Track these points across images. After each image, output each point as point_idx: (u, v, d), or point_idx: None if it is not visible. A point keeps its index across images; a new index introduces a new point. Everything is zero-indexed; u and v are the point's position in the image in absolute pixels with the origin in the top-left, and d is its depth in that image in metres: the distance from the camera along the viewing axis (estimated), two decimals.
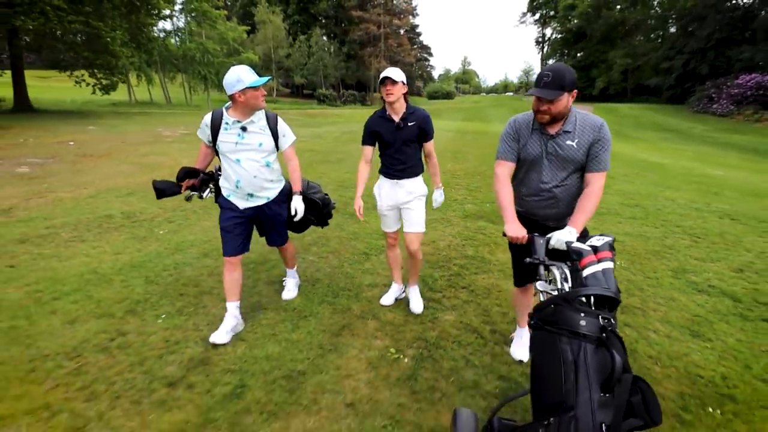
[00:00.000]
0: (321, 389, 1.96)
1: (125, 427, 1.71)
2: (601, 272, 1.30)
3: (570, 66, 5.24)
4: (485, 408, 1.88)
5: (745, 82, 26.83)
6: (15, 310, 2.56)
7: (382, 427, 1.75)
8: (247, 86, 2.10)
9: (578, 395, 1.12)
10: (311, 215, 2.72)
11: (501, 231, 4.37)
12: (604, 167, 1.77)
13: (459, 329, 2.53)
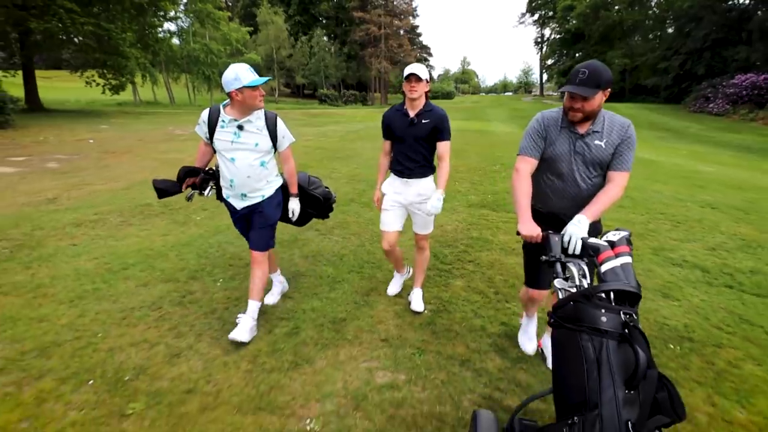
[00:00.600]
0: (360, 330, 2.46)
1: (211, 353, 2.21)
2: (620, 267, 1.29)
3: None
4: (495, 346, 2.38)
5: (741, 82, 27.34)
6: (93, 277, 3.05)
7: (411, 354, 2.25)
8: (244, 85, 2.06)
9: (602, 393, 1.11)
10: (313, 210, 2.72)
11: (501, 218, 4.89)
12: (628, 167, 1.78)
13: (467, 291, 3.03)
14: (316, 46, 38.97)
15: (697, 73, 31.93)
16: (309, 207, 2.67)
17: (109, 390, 1.91)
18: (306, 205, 2.63)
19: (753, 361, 2.31)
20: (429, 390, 1.99)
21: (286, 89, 45.49)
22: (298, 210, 2.51)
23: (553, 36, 52.55)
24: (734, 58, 30.08)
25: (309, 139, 12.18)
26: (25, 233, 3.92)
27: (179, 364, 2.10)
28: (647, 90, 37.04)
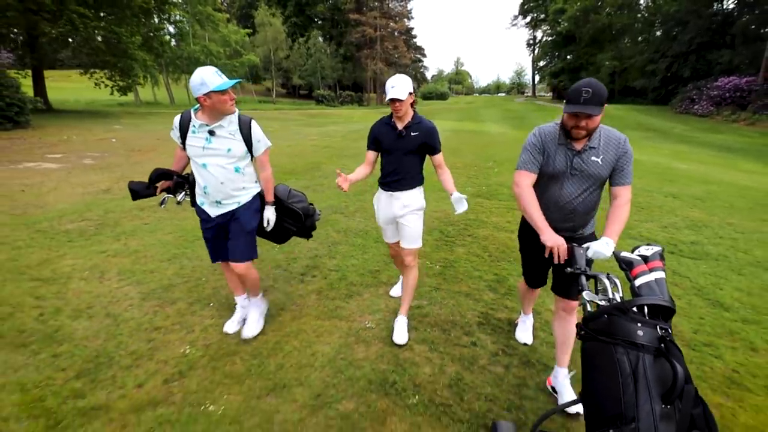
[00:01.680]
0: (390, 277, 3.38)
1: (289, 288, 3.11)
2: (654, 282, 1.31)
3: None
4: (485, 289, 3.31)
5: (724, 84, 28.61)
6: (176, 245, 3.93)
7: (429, 290, 3.17)
8: (212, 90, 2.00)
9: (639, 407, 1.12)
10: (292, 226, 2.58)
11: (494, 205, 5.82)
12: (630, 180, 1.83)
13: (467, 255, 3.95)
14: (313, 47, 39.90)
15: (683, 75, 33.35)
16: (287, 221, 2.54)
17: (225, 308, 2.80)
18: (284, 218, 2.53)
19: (675, 297, 3.27)
20: (444, 309, 2.91)
21: (282, 90, 46.28)
22: (273, 219, 2.40)
23: (545, 38, 54.02)
24: (718, 61, 31.51)
25: (314, 139, 13.07)
26: (99, 215, 4.77)
27: (267, 295, 3.00)
28: (636, 92, 38.45)
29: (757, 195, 7.34)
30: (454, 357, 2.38)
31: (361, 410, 1.94)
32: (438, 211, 5.36)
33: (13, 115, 11.82)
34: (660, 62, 35.24)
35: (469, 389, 2.11)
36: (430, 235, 4.46)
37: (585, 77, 6.59)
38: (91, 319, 2.63)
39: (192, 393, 2.02)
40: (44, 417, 1.84)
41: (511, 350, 2.47)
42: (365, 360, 2.31)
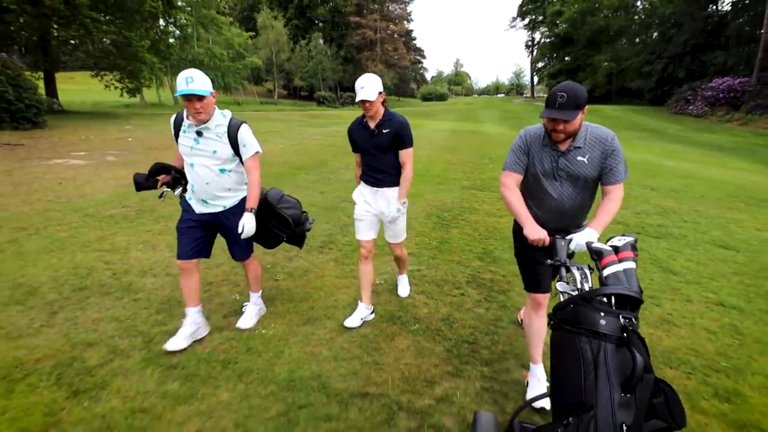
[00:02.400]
0: None
1: (310, 257, 3.76)
2: (623, 272, 1.32)
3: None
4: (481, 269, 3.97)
5: (718, 85, 29.23)
6: None
7: (428, 258, 3.83)
8: (178, 94, 2.10)
9: (598, 395, 1.14)
10: (281, 232, 2.57)
11: (486, 195, 6.48)
12: (621, 178, 1.83)
13: (460, 234, 4.61)
14: (314, 49, 40.71)
15: (679, 76, 34.06)
16: (277, 226, 2.54)
17: (268, 272, 3.46)
18: (275, 225, 2.53)
19: None
20: (439, 272, 3.57)
21: (283, 91, 47.08)
22: (250, 227, 2.31)
23: (543, 40, 54.84)
24: (713, 62, 32.21)
25: (318, 138, 13.74)
26: (137, 203, 5.42)
27: (295, 260, 3.66)
28: (632, 92, 39.20)
29: (731, 188, 8.00)
30: (446, 302, 3.04)
31: (375, 333, 2.60)
32: (435, 201, 6.02)
33: (31, 116, 12.48)
34: (656, 63, 35.98)
35: (457, 322, 2.77)
36: (429, 219, 5.12)
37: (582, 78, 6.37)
38: (156, 277, 3.29)
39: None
40: (140, 336, 2.49)
41: (492, 299, 3.12)
42: (377, 304, 2.96)
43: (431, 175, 7.74)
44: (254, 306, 2.68)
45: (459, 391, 2.09)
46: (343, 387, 2.09)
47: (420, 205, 5.71)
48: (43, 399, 1.95)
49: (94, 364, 2.20)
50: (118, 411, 1.89)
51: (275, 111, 29.60)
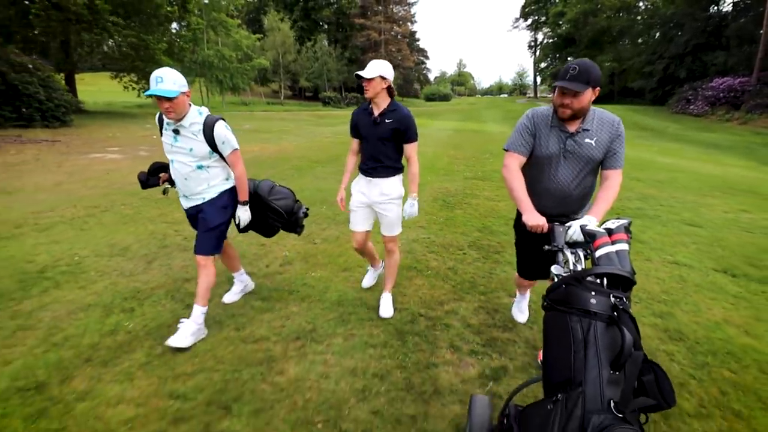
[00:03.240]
0: (412, 222, 4.84)
1: (342, 226, 4.57)
2: (615, 253, 1.36)
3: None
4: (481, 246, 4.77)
5: (718, 85, 29.73)
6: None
7: (437, 230, 4.63)
8: (146, 95, 2.19)
9: (587, 372, 1.17)
10: (276, 221, 2.70)
11: (486, 185, 7.27)
12: (621, 164, 1.84)
13: (464, 214, 5.41)
14: (319, 51, 41.74)
15: (680, 76, 34.68)
16: (271, 216, 2.68)
17: (306, 239, 4.27)
18: (268, 213, 2.66)
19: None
20: (445, 239, 4.37)
21: (289, 92, 48.13)
22: (245, 218, 2.50)
23: (546, 40, 55.57)
24: (713, 62, 32.81)
25: (329, 136, 14.58)
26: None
27: (327, 230, 4.47)
28: (634, 92, 39.85)
29: (715, 180, 8.75)
30: (451, 259, 3.85)
31: (398, 276, 3.41)
32: (441, 188, 6.83)
33: (60, 115, 13.41)
34: (657, 64, 36.63)
35: (460, 270, 3.58)
36: (435, 202, 5.92)
37: None
38: None
39: (296, 271, 3.49)
40: (222, 275, 3.31)
41: (488, 257, 3.92)
42: None
43: (436, 168, 8.55)
44: (193, 324, 2.42)
45: (462, 308, 2.91)
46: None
47: (427, 192, 6.51)
48: (166, 309, 2.78)
49: (193, 291, 3.03)
50: (219, 313, 2.72)
51: (282, 111, 30.51)
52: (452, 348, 2.45)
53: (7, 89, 12.21)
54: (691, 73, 34.16)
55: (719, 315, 2.98)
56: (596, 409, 1.11)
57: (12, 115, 12.38)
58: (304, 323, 2.64)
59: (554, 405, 1.22)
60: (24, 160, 8.15)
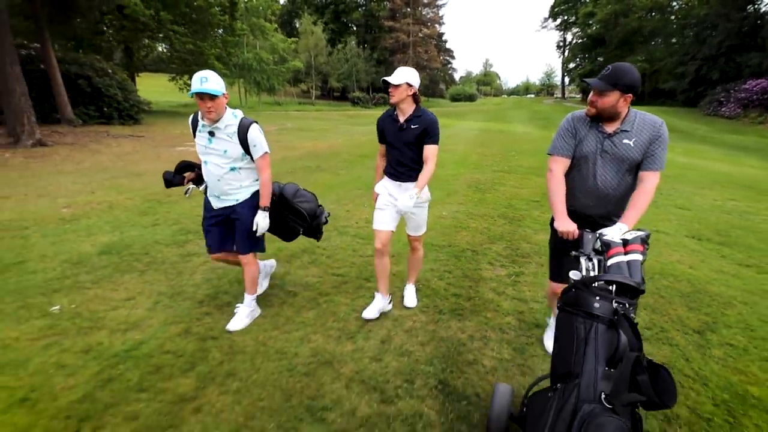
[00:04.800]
0: (439, 201, 6.34)
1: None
2: (626, 263, 1.51)
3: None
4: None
5: (752, 87, 29.46)
6: (334, 184, 7.00)
7: (472, 206, 6.11)
8: (191, 93, 2.28)
9: (584, 366, 1.37)
10: (299, 225, 2.77)
11: (512, 176, 8.65)
12: (660, 166, 1.90)
13: (493, 196, 6.84)
14: (349, 52, 43.77)
15: (712, 78, 34.56)
16: (293, 219, 2.76)
17: (347, 219, 5.85)
18: (290, 216, 2.74)
19: None
20: (479, 211, 5.84)
21: (317, 92, 50.44)
22: (264, 226, 2.56)
23: (575, 40, 55.78)
24: (747, 63, 32.57)
25: (365, 135, 16.18)
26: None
27: (368, 214, 6.03)
28: (665, 93, 39.86)
29: (719, 177, 9.83)
30: (485, 224, 5.31)
31: (449, 224, 4.91)
32: (473, 178, 8.27)
33: (133, 114, 15.54)
34: (689, 65, 36.58)
35: (492, 229, 5.05)
36: (469, 188, 7.37)
37: None
38: None
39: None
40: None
41: (513, 223, 5.35)
42: (447, 216, 5.27)
43: (467, 163, 9.98)
44: (246, 308, 2.75)
45: (494, 247, 4.41)
46: (445, 243, 4.42)
47: (461, 180, 7.98)
48: (312, 272, 4.32)
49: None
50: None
51: (314, 111, 32.46)
52: (489, 263, 3.96)
53: (92, 91, 14.37)
54: (724, 74, 34.02)
55: (675, 258, 4.35)
56: (588, 399, 1.28)
57: (95, 114, 14.55)
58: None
59: (553, 393, 1.41)
60: (127, 151, 10.08)
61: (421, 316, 2.96)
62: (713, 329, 2.94)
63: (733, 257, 4.46)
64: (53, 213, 5.10)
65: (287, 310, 3.00)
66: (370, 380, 2.26)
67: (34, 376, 2.20)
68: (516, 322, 2.93)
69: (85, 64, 14.52)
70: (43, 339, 2.54)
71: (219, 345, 2.53)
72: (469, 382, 2.29)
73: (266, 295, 3.18)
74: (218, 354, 2.44)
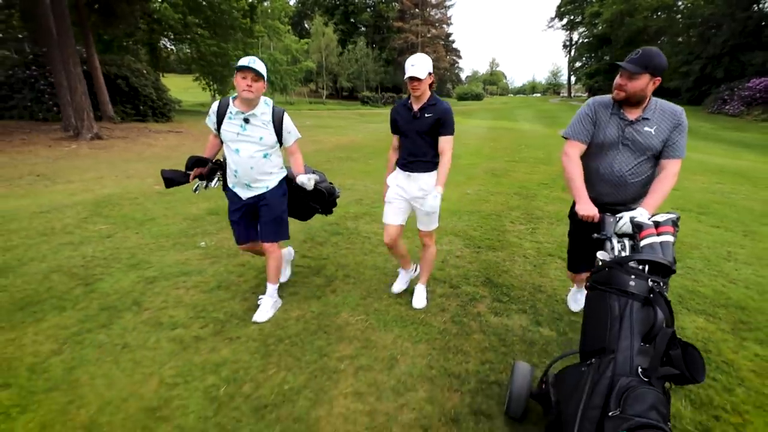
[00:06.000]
0: (456, 183, 7.47)
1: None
2: (659, 243, 1.55)
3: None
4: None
5: (755, 85, 30.19)
6: (364, 171, 8.14)
7: (491, 186, 7.24)
8: (235, 66, 2.29)
9: (620, 342, 1.41)
10: (316, 204, 2.90)
11: (522, 166, 9.77)
12: (681, 154, 1.93)
13: (508, 181, 7.96)
14: (359, 53, 45.10)
15: (717, 76, 35.34)
16: (313, 201, 2.87)
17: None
18: (310, 199, 2.84)
19: None
20: (497, 191, 6.97)
21: (325, 91, 51.78)
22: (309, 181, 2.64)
23: (581, 40, 56.70)
24: (751, 62, 33.32)
25: (382, 131, 17.35)
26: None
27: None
28: (670, 92, 40.66)
29: (712, 166, 10.88)
30: (502, 200, 6.42)
31: (473, 198, 6.04)
32: (488, 167, 9.39)
33: (166, 111, 16.79)
34: (694, 64, 37.40)
35: (510, 202, 6.18)
36: (486, 174, 8.49)
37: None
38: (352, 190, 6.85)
39: None
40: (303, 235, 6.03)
41: (526, 199, 6.47)
42: (461, 197, 6.40)
43: (482, 154, 11.10)
44: (270, 299, 2.78)
45: (512, 212, 5.56)
46: (474, 209, 5.54)
47: (479, 168, 9.10)
48: (328, 250, 5.47)
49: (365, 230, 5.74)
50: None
51: (326, 110, 33.73)
52: (510, 222, 5.10)
53: (129, 90, 15.62)
54: (728, 73, 34.81)
55: None
56: (625, 373, 1.36)
57: (132, 111, 15.80)
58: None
59: (588, 368, 1.47)
60: (174, 144, 11.29)
61: (466, 250, 4.13)
62: (679, 260, 4.06)
63: (708, 222, 5.54)
64: (148, 189, 6.28)
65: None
66: (440, 278, 3.42)
67: (218, 276, 3.38)
68: (534, 252, 4.09)
69: (122, 65, 15.78)
70: (206, 259, 3.72)
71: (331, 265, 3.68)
72: (505, 280, 3.46)
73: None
74: (332, 268, 3.60)
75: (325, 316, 2.83)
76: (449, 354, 2.45)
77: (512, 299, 3.13)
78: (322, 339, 2.56)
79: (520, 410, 1.84)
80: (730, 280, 3.64)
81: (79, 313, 2.82)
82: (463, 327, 2.74)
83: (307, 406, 2.01)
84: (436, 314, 2.90)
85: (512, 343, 2.58)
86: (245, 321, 2.73)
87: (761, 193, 7.61)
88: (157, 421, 1.92)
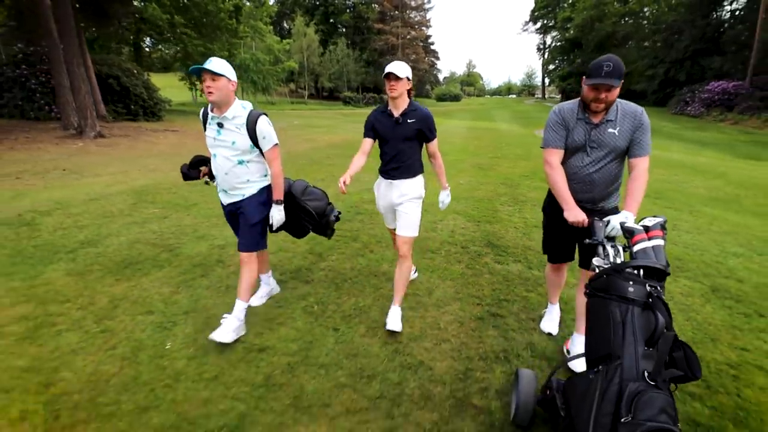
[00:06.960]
0: (461, 178, 8.50)
1: None
2: (651, 248, 1.61)
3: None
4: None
5: (714, 88, 32.56)
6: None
7: (479, 179, 8.29)
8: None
9: (624, 348, 1.45)
10: (308, 222, 2.79)
11: (504, 162, 10.89)
12: (647, 151, 2.07)
13: (494, 174, 9.04)
14: (340, 53, 45.87)
15: (680, 79, 37.86)
16: (303, 218, 2.77)
17: None
18: (300, 214, 2.75)
19: None
20: (484, 182, 8.02)
21: (306, 92, 52.28)
22: (279, 219, 2.58)
23: (554, 43, 59.30)
24: (710, 66, 35.97)
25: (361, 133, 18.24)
26: (310, 159, 9.88)
27: None
28: (637, 94, 43.21)
29: (672, 162, 12.28)
30: (489, 189, 7.48)
31: (470, 184, 7.05)
32: (474, 162, 10.47)
33: (156, 111, 17.20)
34: (659, 67, 39.96)
35: (499, 190, 7.23)
36: (473, 168, 9.55)
37: None
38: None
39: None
40: None
41: (511, 188, 7.53)
42: (463, 187, 7.41)
43: (468, 151, 12.18)
44: (235, 320, 2.57)
45: (502, 197, 6.61)
46: (468, 196, 6.53)
47: (467, 163, 10.16)
48: (357, 225, 6.39)
49: None
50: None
51: (308, 110, 34.34)
52: (500, 204, 6.15)
53: (121, 90, 16.00)
54: (690, 76, 37.39)
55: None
56: (632, 378, 1.40)
57: (123, 111, 16.17)
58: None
59: (595, 375, 1.51)
60: (176, 142, 11.88)
61: (468, 224, 5.14)
62: None
63: (661, 204, 6.74)
64: (177, 181, 6.98)
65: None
66: (452, 242, 4.37)
67: (277, 242, 4.24)
68: (522, 224, 5.14)
69: (113, 65, 16.13)
70: None
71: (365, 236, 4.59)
72: (502, 243, 4.48)
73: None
74: (365, 237, 4.50)
75: (372, 266, 3.76)
76: (469, 287, 3.43)
77: (509, 254, 4.14)
78: (375, 279, 3.50)
79: (528, 418, 1.88)
80: (673, 243, 4.76)
81: (176, 269, 3.63)
82: (476, 271, 3.73)
83: (377, 315, 2.94)
84: (454, 264, 3.90)
85: (513, 279, 3.58)
86: (311, 270, 3.62)
87: (709, 182, 8.97)
88: (273, 324, 2.80)
